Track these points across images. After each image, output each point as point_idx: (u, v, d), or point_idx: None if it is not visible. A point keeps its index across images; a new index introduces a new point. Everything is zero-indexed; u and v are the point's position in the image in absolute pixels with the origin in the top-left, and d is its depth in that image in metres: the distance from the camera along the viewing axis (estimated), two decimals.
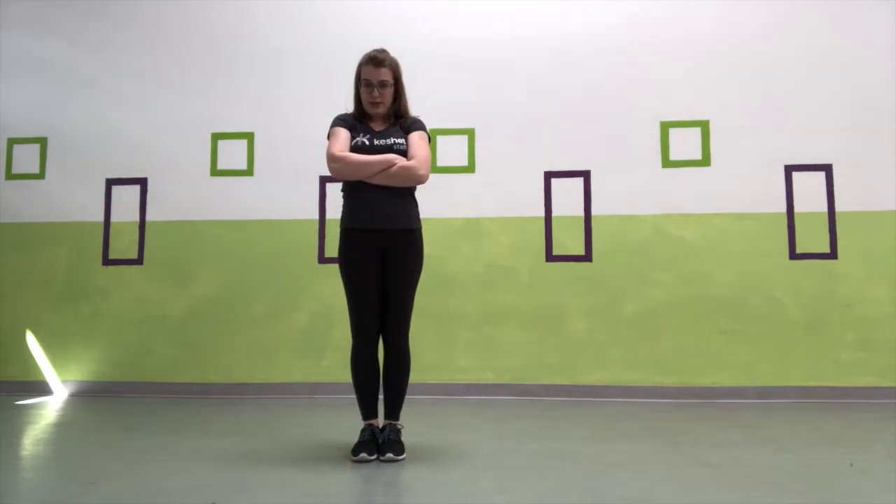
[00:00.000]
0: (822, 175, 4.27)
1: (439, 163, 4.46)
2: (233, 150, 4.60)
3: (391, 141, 2.61)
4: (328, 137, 2.64)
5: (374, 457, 2.52)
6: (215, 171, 4.61)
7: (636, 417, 3.53)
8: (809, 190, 4.26)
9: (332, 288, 4.33)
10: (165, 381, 4.44)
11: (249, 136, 4.61)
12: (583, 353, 4.27)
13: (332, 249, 4.39)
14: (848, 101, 4.28)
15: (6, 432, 3.21)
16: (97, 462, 2.55)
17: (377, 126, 2.68)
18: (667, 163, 4.37)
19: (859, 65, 4.29)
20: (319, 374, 4.36)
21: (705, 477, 2.29)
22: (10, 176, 4.72)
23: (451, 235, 4.41)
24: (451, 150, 4.48)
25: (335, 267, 2.74)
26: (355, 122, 2.67)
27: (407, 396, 2.69)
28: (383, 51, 2.65)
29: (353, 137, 2.61)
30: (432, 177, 4.42)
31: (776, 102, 4.32)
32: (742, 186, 4.29)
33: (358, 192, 2.60)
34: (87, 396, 4.41)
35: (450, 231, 4.42)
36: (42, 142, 4.72)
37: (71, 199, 4.65)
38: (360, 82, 2.65)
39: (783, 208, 4.27)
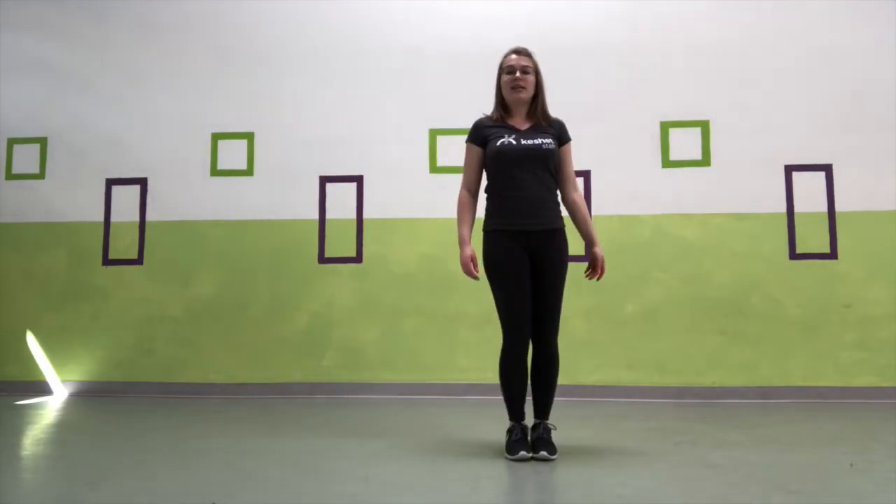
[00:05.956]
0: (822, 175, 4.27)
1: (439, 163, 4.45)
2: (233, 150, 4.60)
3: (539, 142, 2.63)
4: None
5: (530, 454, 2.53)
6: (215, 171, 4.61)
7: (636, 417, 3.53)
8: (809, 190, 4.26)
9: (332, 288, 4.32)
10: (165, 381, 4.44)
11: (249, 136, 4.61)
12: (583, 353, 4.27)
13: (333, 249, 4.42)
14: (848, 102, 4.28)
15: (6, 432, 3.21)
16: (97, 462, 2.55)
17: (520, 124, 2.69)
18: (667, 163, 4.37)
19: (859, 65, 4.29)
20: (319, 374, 4.36)
21: (705, 477, 2.29)
22: (10, 176, 4.73)
23: (451, 235, 4.39)
24: (452, 150, 4.47)
25: (335, 267, 2.75)
26: (494, 123, 2.69)
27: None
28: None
29: (497, 139, 2.63)
30: (432, 176, 4.49)
31: (776, 102, 4.32)
32: (742, 186, 4.29)
33: (505, 192, 2.61)
34: (87, 396, 4.41)
35: (450, 231, 4.40)
36: (42, 142, 4.72)
37: (71, 199, 4.66)
38: (503, 72, 2.69)
39: (783, 208, 4.27)
